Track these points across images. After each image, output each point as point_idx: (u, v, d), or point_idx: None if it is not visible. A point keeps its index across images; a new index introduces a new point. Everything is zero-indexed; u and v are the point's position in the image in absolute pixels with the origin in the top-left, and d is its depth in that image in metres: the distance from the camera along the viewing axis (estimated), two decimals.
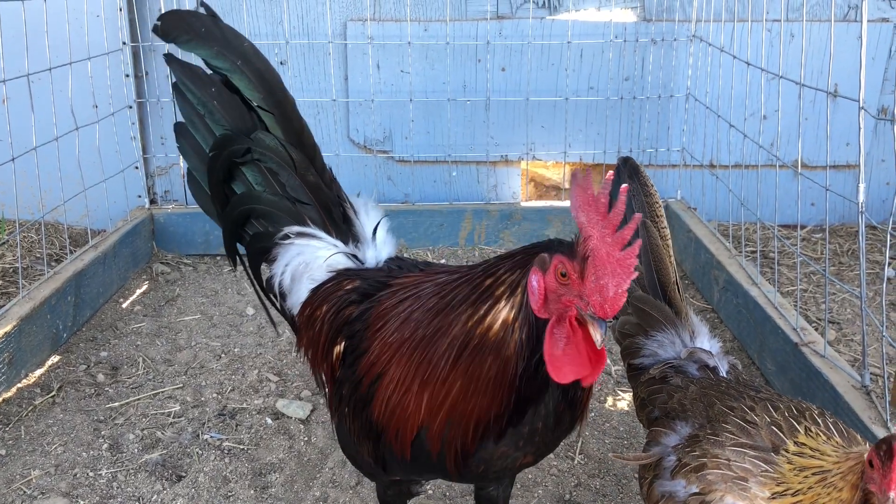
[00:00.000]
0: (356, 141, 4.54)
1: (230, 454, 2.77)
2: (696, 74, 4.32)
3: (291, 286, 2.17)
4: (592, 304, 1.47)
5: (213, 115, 2.20)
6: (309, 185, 2.17)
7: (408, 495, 2.09)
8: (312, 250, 2.14)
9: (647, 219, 2.11)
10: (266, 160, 2.17)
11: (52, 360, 3.32)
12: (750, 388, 1.82)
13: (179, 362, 3.34)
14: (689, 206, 4.39)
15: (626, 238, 1.46)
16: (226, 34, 2.15)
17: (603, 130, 4.49)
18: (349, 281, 2.03)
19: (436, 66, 4.40)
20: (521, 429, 1.66)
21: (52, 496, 2.55)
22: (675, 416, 1.82)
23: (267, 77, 2.15)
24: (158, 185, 4.60)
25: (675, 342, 2.01)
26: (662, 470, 1.73)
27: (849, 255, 4.22)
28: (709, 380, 1.88)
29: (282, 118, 2.16)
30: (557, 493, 2.57)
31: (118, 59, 4.23)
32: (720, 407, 1.72)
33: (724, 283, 3.55)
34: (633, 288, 2.10)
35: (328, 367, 1.96)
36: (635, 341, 2.06)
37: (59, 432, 2.87)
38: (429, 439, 1.68)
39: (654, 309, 2.06)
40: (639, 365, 2.05)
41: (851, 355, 3.22)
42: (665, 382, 1.93)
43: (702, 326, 2.06)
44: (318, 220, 2.17)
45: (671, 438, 1.77)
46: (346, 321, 1.93)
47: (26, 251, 4.16)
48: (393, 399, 1.71)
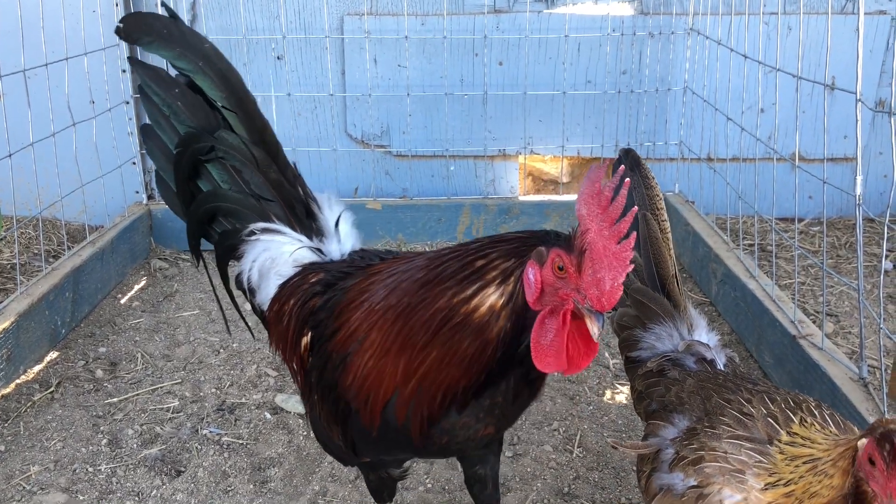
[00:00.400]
0: (354, 136, 4.54)
1: (229, 449, 2.77)
2: (694, 68, 4.32)
3: (259, 282, 2.21)
4: (590, 297, 1.48)
5: (178, 115, 2.22)
6: (271, 182, 2.20)
7: (392, 482, 2.12)
8: (277, 245, 2.17)
9: (648, 212, 2.10)
10: (229, 158, 2.19)
11: (50, 356, 3.32)
12: (747, 380, 1.82)
13: (178, 358, 3.34)
14: (686, 199, 4.39)
15: (622, 231, 1.47)
16: (186, 36, 2.17)
17: (601, 124, 4.49)
18: (314, 274, 2.07)
19: (433, 61, 4.40)
20: (482, 401, 1.70)
21: (52, 492, 2.55)
22: (672, 409, 1.82)
23: (229, 77, 2.17)
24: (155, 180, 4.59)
25: (673, 335, 2.01)
26: (660, 463, 1.73)
27: (847, 247, 4.22)
28: (706, 373, 1.88)
29: (244, 117, 2.18)
30: (556, 486, 2.58)
31: (115, 55, 4.22)
32: (717, 399, 1.72)
33: (722, 276, 3.56)
34: (631, 280, 2.10)
35: (298, 358, 1.99)
36: (633, 333, 2.07)
37: (58, 428, 2.87)
38: (398, 406, 1.71)
39: (653, 301, 2.06)
40: (636, 357, 2.05)
41: (849, 348, 3.22)
42: (662, 375, 1.93)
43: (700, 319, 2.06)
44: (282, 216, 2.20)
45: (669, 431, 1.77)
46: (311, 312, 1.96)
47: (24, 247, 4.16)
48: (369, 364, 1.75)
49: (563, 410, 2.97)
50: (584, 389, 3.10)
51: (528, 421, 2.90)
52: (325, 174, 4.49)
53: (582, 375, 3.19)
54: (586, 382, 3.14)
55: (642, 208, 2.09)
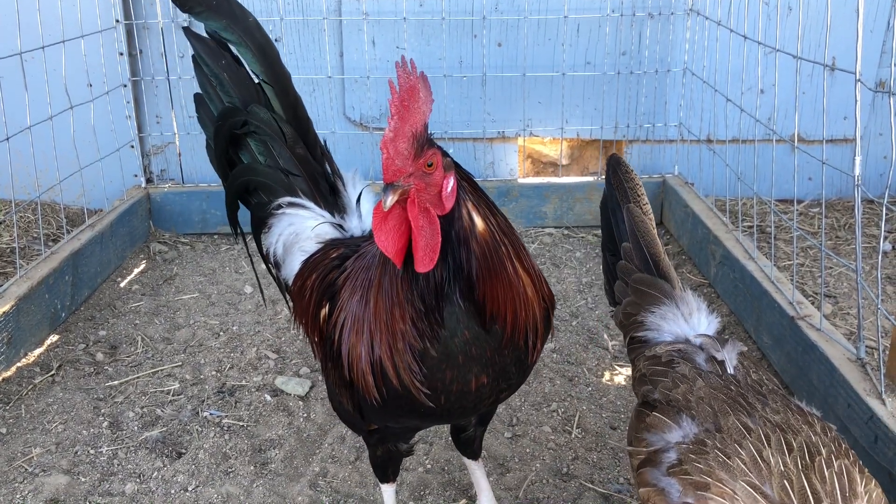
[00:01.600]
0: (352, 118, 4.53)
1: (230, 431, 2.78)
2: (694, 49, 4.30)
3: (284, 256, 2.27)
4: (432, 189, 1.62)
5: (224, 86, 2.34)
6: (298, 158, 2.31)
7: (398, 456, 2.16)
8: (301, 220, 2.24)
9: (632, 202, 2.17)
10: (262, 132, 2.29)
11: (51, 339, 3.33)
12: (758, 395, 1.76)
13: (178, 340, 3.35)
14: (686, 181, 4.39)
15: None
16: (234, 8, 2.30)
17: (600, 106, 4.47)
18: (334, 250, 2.13)
19: (431, 42, 4.37)
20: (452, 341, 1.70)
21: (54, 473, 2.56)
22: (679, 408, 1.78)
23: (267, 51, 2.29)
24: (154, 164, 4.59)
25: (676, 314, 2.01)
26: (659, 462, 1.71)
27: (846, 229, 4.22)
28: (717, 377, 1.82)
29: (279, 92, 2.30)
30: (555, 467, 2.60)
31: (112, 38, 4.20)
32: (734, 421, 1.66)
33: (721, 257, 3.56)
34: (630, 270, 2.13)
35: (317, 330, 2.03)
36: (637, 318, 2.07)
37: (60, 410, 2.88)
38: (388, 374, 1.75)
39: (652, 287, 2.08)
40: (642, 338, 2.05)
41: (848, 329, 3.23)
42: (670, 367, 1.90)
43: (699, 302, 2.06)
44: (307, 192, 2.29)
45: (674, 434, 1.73)
46: (329, 284, 2.02)
47: (23, 231, 4.16)
48: (351, 340, 1.82)
49: (562, 392, 2.98)
50: (582, 371, 3.11)
51: (526, 402, 2.92)
52: None
53: (581, 357, 3.20)
54: (585, 364, 3.16)
55: (625, 202, 2.17)
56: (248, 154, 2.34)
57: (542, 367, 3.12)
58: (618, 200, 2.20)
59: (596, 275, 3.90)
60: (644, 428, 1.81)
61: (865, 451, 2.26)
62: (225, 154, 2.36)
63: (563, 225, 4.47)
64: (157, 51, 4.36)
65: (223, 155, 2.36)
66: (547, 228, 4.46)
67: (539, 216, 4.50)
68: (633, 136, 4.56)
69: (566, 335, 3.36)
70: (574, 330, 3.41)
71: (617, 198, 2.21)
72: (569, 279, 3.87)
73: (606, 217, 2.26)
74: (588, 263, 4.04)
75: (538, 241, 4.31)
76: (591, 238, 4.34)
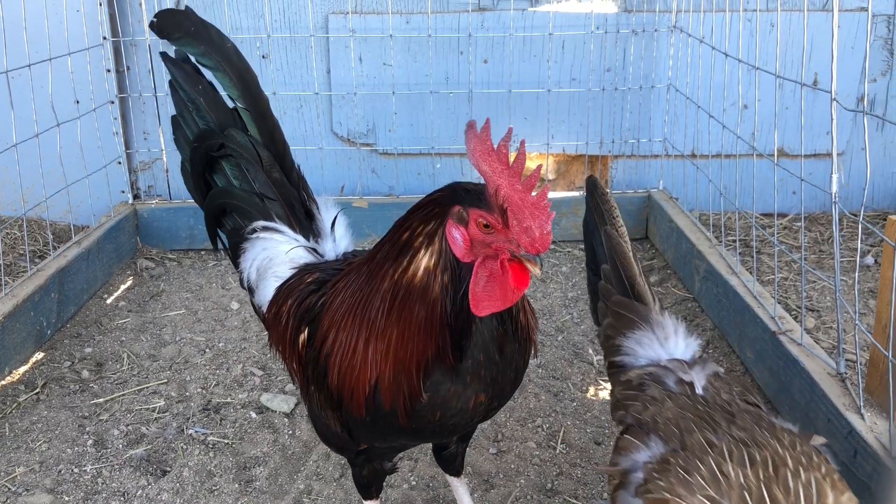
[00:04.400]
0: (340, 134, 4.55)
1: (215, 448, 2.78)
2: (677, 65, 4.34)
3: (258, 282, 2.28)
4: (524, 245, 1.59)
5: (200, 110, 2.36)
6: (274, 182, 2.33)
7: (382, 474, 2.17)
8: (275, 244, 2.26)
9: (608, 224, 2.19)
10: (238, 156, 2.31)
11: (36, 356, 3.32)
12: (726, 412, 1.76)
13: (164, 357, 3.35)
14: (670, 196, 4.42)
15: (533, 183, 1.59)
16: (211, 34, 2.32)
17: (585, 121, 4.51)
18: (309, 274, 2.14)
19: (418, 59, 4.41)
20: (465, 363, 1.74)
21: (37, 493, 2.56)
22: (648, 429, 1.79)
23: (245, 77, 2.31)
24: (142, 180, 4.60)
25: (652, 339, 2.01)
26: (628, 483, 1.71)
27: (829, 242, 4.25)
28: (685, 398, 1.83)
29: (257, 116, 2.31)
30: (539, 483, 2.61)
31: (99, 55, 4.22)
32: (699, 437, 1.66)
33: (705, 272, 3.59)
34: (610, 292, 2.14)
35: (297, 356, 2.04)
36: (615, 342, 2.07)
37: (44, 429, 2.87)
38: (382, 393, 1.77)
39: (628, 310, 2.08)
40: (619, 363, 2.05)
41: (830, 342, 3.26)
42: (641, 390, 1.91)
43: (677, 325, 2.05)
44: (282, 216, 2.32)
45: (642, 454, 1.74)
46: (307, 309, 2.03)
47: (9, 248, 4.15)
48: (343, 363, 1.83)
49: (547, 407, 2.99)
50: (567, 386, 3.13)
51: (511, 417, 2.93)
52: (312, 173, 4.48)
53: (566, 372, 3.21)
54: (570, 379, 3.17)
55: (602, 224, 2.20)
56: (223, 178, 2.36)
57: (528, 382, 3.13)
58: (595, 222, 2.22)
59: (581, 289, 3.92)
60: (616, 451, 1.82)
61: (846, 465, 2.28)
62: (201, 177, 2.37)
63: None
64: (145, 67, 4.38)
65: (199, 177, 2.37)
66: None
67: None
68: (618, 152, 4.59)
69: (551, 350, 3.38)
70: (559, 345, 3.42)
71: (595, 219, 2.22)
72: (554, 294, 3.89)
73: (588, 237, 2.28)
74: (574, 278, 4.06)
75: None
76: (577, 252, 4.37)
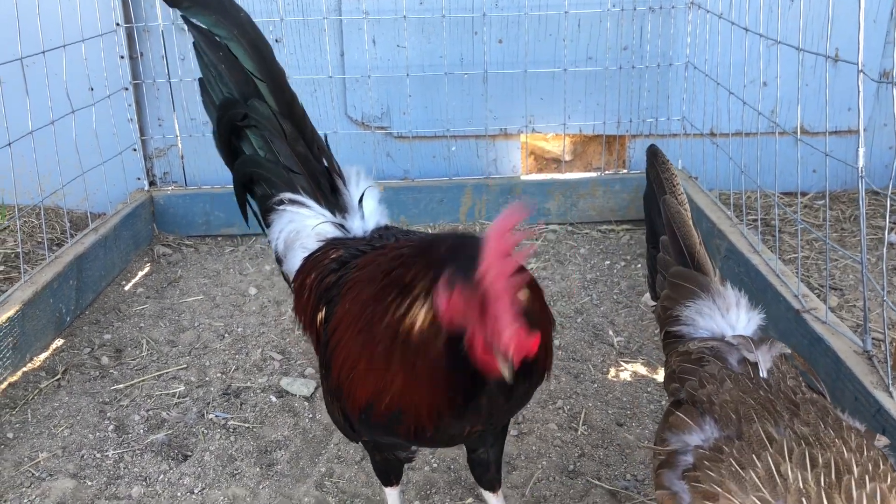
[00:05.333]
0: (354, 118, 4.52)
1: (235, 433, 2.78)
2: (695, 42, 4.28)
3: (286, 252, 2.28)
4: (495, 342, 1.41)
5: (222, 77, 2.33)
6: (298, 155, 2.31)
7: (398, 464, 2.12)
8: (302, 218, 2.24)
9: (667, 193, 2.14)
10: (262, 127, 2.29)
11: (56, 343, 3.33)
12: (790, 403, 1.65)
13: (183, 343, 3.35)
14: (689, 175, 4.37)
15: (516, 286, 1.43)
16: (224, 3, 2.27)
17: (602, 101, 4.45)
18: (335, 250, 2.12)
19: (432, 40, 4.36)
20: (469, 405, 1.64)
21: (60, 477, 2.57)
22: (703, 409, 1.69)
23: (260, 47, 2.28)
24: (157, 167, 4.59)
25: (713, 309, 1.94)
26: (676, 464, 1.63)
27: (851, 221, 4.20)
28: (747, 381, 1.72)
29: (274, 87, 2.28)
30: (561, 464, 2.59)
31: (112, 41, 4.20)
32: (758, 429, 1.55)
33: (726, 251, 3.54)
34: (669, 262, 2.09)
35: (314, 332, 2.03)
36: (673, 312, 2.00)
37: (65, 415, 2.88)
38: (375, 416, 1.70)
39: (688, 279, 2.01)
40: (676, 333, 1.98)
41: (854, 321, 3.21)
42: (699, 365, 1.81)
43: (738, 296, 1.98)
44: (308, 190, 2.29)
45: (694, 437, 1.64)
46: (326, 288, 2.00)
47: (27, 236, 4.17)
48: (343, 371, 1.77)
49: (568, 388, 2.97)
50: (588, 368, 3.10)
51: (532, 400, 2.90)
52: None
53: (586, 354, 3.19)
54: (590, 361, 3.15)
55: (661, 193, 2.15)
56: (249, 146, 2.35)
57: None
58: (655, 192, 2.17)
59: (600, 271, 3.89)
60: (667, 427, 1.74)
61: None
62: (228, 143, 2.37)
63: (566, 221, 4.46)
64: (158, 53, 4.36)
65: (226, 144, 2.37)
66: (551, 225, 4.44)
67: (542, 213, 4.49)
68: (635, 131, 4.54)
69: (571, 332, 3.35)
70: (579, 327, 3.40)
71: (654, 190, 2.17)
72: (573, 276, 3.86)
73: (648, 211, 2.23)
74: (592, 259, 4.03)
75: (542, 237, 4.30)
76: (595, 234, 4.33)
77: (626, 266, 3.97)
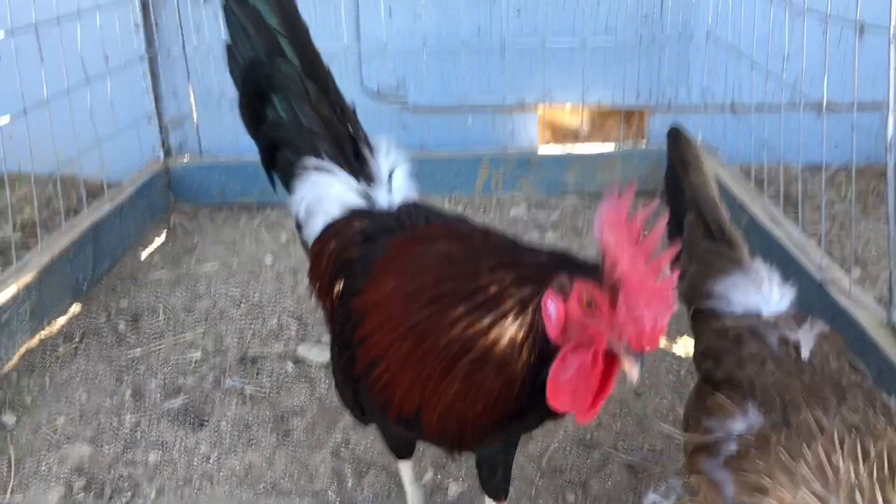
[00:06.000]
0: (370, 89, 4.48)
1: (252, 400, 2.78)
2: (717, 13, 4.20)
3: (307, 219, 2.21)
4: (628, 337, 1.34)
5: (250, 37, 2.24)
6: (322, 118, 2.20)
7: (411, 442, 2.08)
8: (325, 185, 2.17)
9: (692, 173, 2.11)
10: (285, 88, 2.20)
11: (73, 309, 3.34)
12: (835, 387, 1.58)
13: (199, 310, 3.35)
14: (710, 148, 4.31)
15: (661, 266, 1.34)
16: None
17: (621, 73, 4.39)
18: (358, 220, 2.04)
19: (449, 11, 4.31)
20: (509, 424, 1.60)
21: (78, 443, 2.58)
22: (744, 392, 1.62)
23: (283, 1, 2.19)
24: (173, 137, 4.57)
25: (747, 283, 1.88)
26: (716, 451, 1.57)
27: (874, 195, 4.14)
28: (789, 362, 1.65)
29: (297, 45, 2.19)
30: (578, 436, 2.57)
31: (127, 10, 4.18)
32: (806, 417, 1.48)
33: (747, 224, 3.50)
34: (695, 240, 2.03)
35: (329, 302, 1.97)
36: (703, 288, 1.93)
37: (83, 380, 2.89)
38: (410, 422, 1.63)
39: (718, 255, 1.96)
40: (709, 309, 1.90)
41: (877, 294, 3.17)
42: (738, 344, 1.74)
43: (770, 271, 1.92)
44: (332, 154, 2.19)
45: (737, 423, 1.56)
46: (347, 261, 1.93)
47: (44, 205, 4.16)
48: (383, 369, 1.63)
49: None
50: None
51: None
52: None
53: None
54: None
55: (686, 174, 2.12)
56: (272, 110, 2.27)
57: None
58: (678, 173, 2.12)
59: None
60: (704, 409, 1.66)
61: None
62: (252, 108, 2.30)
63: (584, 193, 4.41)
64: (173, 23, 4.33)
65: (250, 109, 2.30)
66: (568, 197, 4.40)
67: (560, 185, 4.44)
68: (655, 104, 4.48)
69: None
70: None
71: (678, 170, 2.13)
72: (590, 248, 3.83)
73: (670, 192, 2.19)
74: None
75: (559, 209, 4.26)
76: None
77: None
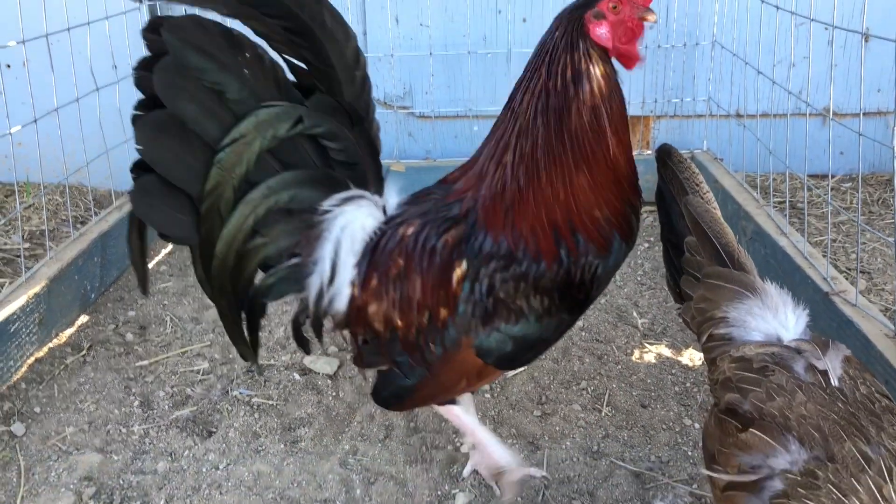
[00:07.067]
0: (376, 97, 4.49)
1: (259, 409, 2.79)
2: (723, 21, 4.21)
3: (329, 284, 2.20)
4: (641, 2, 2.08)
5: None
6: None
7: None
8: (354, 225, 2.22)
9: (689, 193, 2.07)
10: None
11: (81, 319, 3.35)
12: (871, 414, 1.56)
13: (207, 320, 3.36)
14: (715, 156, 4.32)
15: None
16: None
17: (626, 80, 4.36)
18: (403, 226, 2.15)
19: (455, 19, 4.33)
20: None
21: (87, 452, 2.59)
22: (780, 426, 1.57)
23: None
24: None
25: (763, 309, 1.84)
26: (759, 489, 1.53)
27: (879, 203, 4.14)
28: (820, 392, 1.61)
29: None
30: (585, 445, 2.58)
31: (136, 18, 4.20)
32: (851, 449, 1.46)
33: (753, 233, 3.50)
34: (699, 263, 2.00)
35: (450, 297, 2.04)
36: (715, 314, 1.90)
37: (91, 390, 2.91)
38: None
39: (730, 280, 1.91)
40: (725, 336, 1.86)
41: (883, 305, 3.18)
42: (763, 375, 1.68)
43: (783, 294, 1.88)
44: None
45: (780, 459, 1.52)
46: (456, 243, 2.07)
47: (52, 214, 4.19)
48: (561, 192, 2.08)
49: (591, 370, 2.96)
50: (612, 349, 3.09)
51: (555, 380, 2.90)
52: None
53: (610, 335, 3.17)
54: (614, 342, 3.13)
55: (682, 194, 2.08)
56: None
57: (571, 345, 3.09)
58: (673, 194, 2.09)
59: None
60: (735, 444, 1.62)
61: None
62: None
63: None
64: None
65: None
66: None
67: None
68: (660, 112, 4.49)
69: (595, 313, 3.33)
70: (603, 308, 3.38)
71: (672, 191, 2.09)
72: None
73: (664, 210, 2.16)
74: None
75: None
76: None
77: (649, 248, 3.95)
